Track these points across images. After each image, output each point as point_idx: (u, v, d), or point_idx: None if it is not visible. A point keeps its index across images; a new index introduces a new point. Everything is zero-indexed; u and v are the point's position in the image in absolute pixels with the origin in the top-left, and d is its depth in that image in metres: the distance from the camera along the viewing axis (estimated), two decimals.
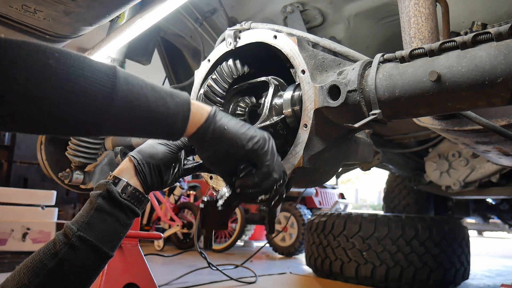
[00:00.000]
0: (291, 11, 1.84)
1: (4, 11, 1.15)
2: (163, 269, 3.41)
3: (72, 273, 0.71)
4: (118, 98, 0.65)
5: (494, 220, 7.31)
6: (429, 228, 2.84)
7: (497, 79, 0.67)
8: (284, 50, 0.95)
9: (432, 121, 1.28)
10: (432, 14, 1.06)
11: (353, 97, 0.83)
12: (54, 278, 0.70)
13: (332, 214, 3.19)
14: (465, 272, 3.03)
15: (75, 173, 2.01)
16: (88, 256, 0.73)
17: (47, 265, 0.70)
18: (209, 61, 1.10)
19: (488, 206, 4.51)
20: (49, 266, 0.70)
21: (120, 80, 0.66)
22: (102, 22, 1.25)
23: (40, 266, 0.70)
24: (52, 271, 0.70)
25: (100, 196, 0.77)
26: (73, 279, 0.71)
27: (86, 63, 0.63)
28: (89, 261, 0.73)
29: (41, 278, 0.69)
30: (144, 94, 0.68)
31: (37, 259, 0.71)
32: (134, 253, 1.47)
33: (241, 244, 6.30)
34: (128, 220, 0.80)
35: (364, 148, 1.12)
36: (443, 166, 3.17)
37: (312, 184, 1.08)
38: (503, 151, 1.42)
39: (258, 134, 0.79)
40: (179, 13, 2.16)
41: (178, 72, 2.79)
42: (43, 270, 0.69)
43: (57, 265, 0.70)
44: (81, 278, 0.73)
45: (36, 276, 0.69)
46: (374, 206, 21.87)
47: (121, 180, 0.80)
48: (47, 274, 0.69)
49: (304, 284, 3.06)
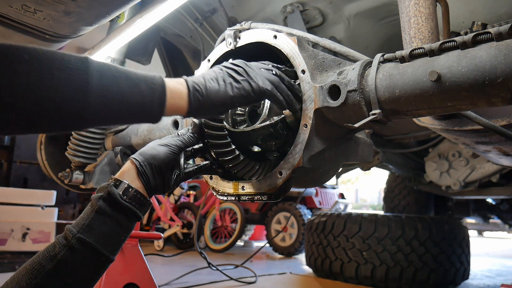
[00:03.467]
0: (291, 11, 1.84)
1: (4, 11, 1.15)
2: (163, 269, 3.41)
3: (71, 276, 0.71)
4: (92, 94, 0.65)
5: (494, 220, 7.31)
6: (429, 228, 2.84)
7: (497, 79, 0.67)
8: (284, 50, 0.95)
9: (432, 121, 1.28)
10: (432, 14, 1.06)
11: (353, 97, 0.83)
12: (52, 280, 0.69)
13: (332, 214, 3.19)
14: (465, 272, 3.03)
15: (75, 173, 2.01)
16: (87, 258, 0.72)
17: (45, 267, 0.69)
18: (209, 61, 1.10)
19: (488, 206, 4.52)
20: (47, 268, 0.69)
21: (93, 75, 0.66)
22: (102, 22, 1.25)
23: (38, 268, 0.69)
24: (50, 273, 0.69)
25: (101, 199, 0.77)
26: (72, 282, 0.71)
27: (57, 62, 0.63)
28: (88, 264, 0.73)
29: (38, 280, 0.68)
30: (118, 85, 0.69)
31: (36, 261, 0.70)
32: (134, 253, 1.47)
33: (241, 244, 6.30)
34: (129, 223, 0.79)
35: (364, 148, 1.13)
36: (443, 166, 3.17)
37: (312, 184, 1.08)
38: (503, 151, 1.42)
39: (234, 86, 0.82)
40: (179, 13, 2.16)
41: (178, 72, 2.79)
42: (41, 272, 0.69)
43: (55, 267, 0.69)
44: (80, 281, 0.72)
45: (34, 278, 0.68)
46: (374, 206, 21.86)
47: (122, 183, 0.80)
48: (45, 276, 0.69)
49: (304, 284, 3.06)
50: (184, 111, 0.79)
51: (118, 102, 0.69)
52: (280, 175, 0.91)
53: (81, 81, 0.64)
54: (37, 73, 0.61)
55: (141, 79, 0.73)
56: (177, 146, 0.89)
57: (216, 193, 1.05)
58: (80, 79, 0.64)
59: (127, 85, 0.70)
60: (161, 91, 0.75)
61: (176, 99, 0.77)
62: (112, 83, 0.68)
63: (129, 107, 0.71)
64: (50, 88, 0.61)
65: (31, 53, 0.61)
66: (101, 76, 0.67)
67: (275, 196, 0.94)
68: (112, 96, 0.68)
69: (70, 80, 0.63)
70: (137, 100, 0.71)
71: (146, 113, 0.74)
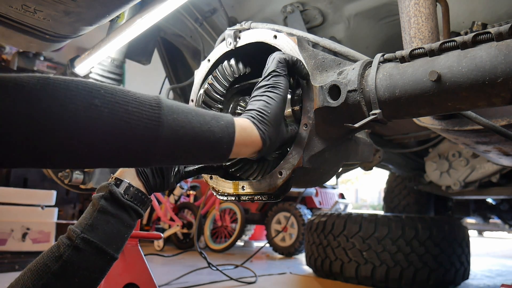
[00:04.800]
0: (291, 11, 1.84)
1: (4, 11, 1.15)
2: (163, 269, 3.41)
3: (77, 276, 0.71)
4: (164, 129, 0.64)
5: (494, 220, 7.31)
6: (429, 228, 2.84)
7: (497, 79, 0.67)
8: (284, 50, 0.95)
9: (432, 121, 1.28)
10: (432, 14, 1.06)
11: (353, 97, 0.83)
12: (58, 280, 0.70)
13: (332, 214, 3.19)
14: (465, 272, 3.03)
15: (75, 173, 2.01)
16: (92, 258, 0.73)
17: (51, 268, 0.70)
18: (209, 61, 1.10)
19: (488, 206, 4.51)
20: (53, 268, 0.70)
21: (165, 111, 0.65)
22: (102, 22, 1.24)
23: (44, 269, 0.70)
24: (56, 274, 0.69)
25: (102, 198, 0.77)
26: (78, 282, 0.71)
27: (130, 97, 0.63)
28: (94, 263, 0.73)
29: (45, 281, 0.69)
30: (189, 122, 0.68)
31: (41, 262, 0.71)
32: (134, 253, 1.47)
33: (241, 244, 6.30)
34: (131, 221, 0.80)
35: (364, 148, 1.12)
36: (443, 166, 3.17)
37: (312, 184, 1.08)
38: (503, 151, 1.42)
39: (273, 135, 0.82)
40: (179, 13, 2.16)
41: (178, 72, 2.79)
42: (47, 273, 0.69)
43: (61, 268, 0.70)
44: (85, 280, 0.72)
45: (40, 279, 0.69)
46: (374, 206, 21.86)
47: (123, 182, 0.81)
48: (51, 276, 0.69)
49: (304, 284, 3.06)
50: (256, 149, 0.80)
51: (188, 137, 0.68)
52: (280, 175, 0.91)
53: (154, 116, 0.64)
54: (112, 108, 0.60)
55: (211, 116, 0.72)
56: None
57: (216, 193, 1.05)
58: (153, 115, 0.64)
59: (198, 120, 0.69)
60: (230, 127, 0.74)
61: (245, 138, 0.77)
62: (183, 118, 0.67)
63: (199, 143, 0.70)
64: (124, 123, 0.61)
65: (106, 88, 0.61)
66: (173, 112, 0.66)
67: (275, 196, 0.94)
68: (184, 132, 0.67)
69: (143, 115, 0.63)
70: (207, 136, 0.70)
71: (215, 149, 0.72)
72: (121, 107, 0.61)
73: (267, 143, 0.79)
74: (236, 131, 0.74)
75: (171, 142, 0.66)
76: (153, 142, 0.63)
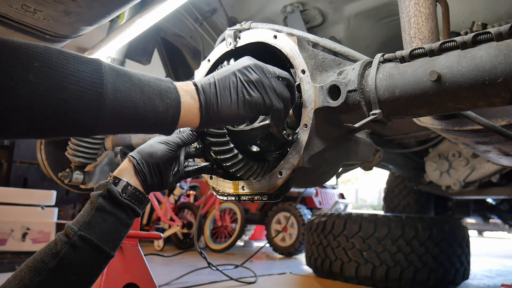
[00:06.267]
0: (291, 11, 1.84)
1: (4, 11, 1.15)
2: (163, 269, 3.41)
3: (73, 273, 0.72)
4: (106, 110, 0.64)
5: (494, 220, 7.32)
6: (429, 228, 2.84)
7: (497, 79, 0.67)
8: (284, 50, 0.95)
9: (432, 121, 1.28)
10: (432, 14, 1.06)
11: (353, 97, 0.83)
12: (55, 277, 0.70)
13: (332, 214, 3.19)
14: (465, 272, 3.03)
15: (75, 173, 2.01)
16: (89, 255, 0.73)
17: (48, 265, 0.70)
18: (209, 61, 1.10)
19: (488, 206, 4.52)
20: (50, 265, 0.70)
21: (107, 89, 0.64)
22: (102, 22, 1.25)
23: (41, 266, 0.70)
24: (53, 271, 0.70)
25: (100, 196, 0.77)
26: (74, 279, 0.72)
27: (69, 70, 0.61)
28: (90, 260, 0.74)
29: (42, 277, 0.69)
30: (132, 101, 0.68)
31: (38, 259, 0.71)
32: (134, 253, 1.47)
33: (241, 244, 6.30)
34: (129, 220, 0.80)
35: (364, 148, 1.13)
36: (443, 166, 3.17)
37: (312, 184, 1.08)
38: (503, 151, 1.42)
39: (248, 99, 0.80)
40: (179, 13, 2.16)
41: (178, 72, 2.79)
42: (44, 270, 0.70)
43: (58, 264, 0.70)
44: (82, 277, 0.73)
45: (37, 275, 0.69)
46: (374, 206, 21.86)
47: (121, 180, 0.81)
48: (48, 273, 0.70)
49: (304, 284, 3.06)
50: (195, 126, 0.79)
51: (131, 117, 0.68)
52: (280, 175, 0.91)
53: (95, 96, 0.62)
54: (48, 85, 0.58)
55: (157, 93, 0.71)
56: (176, 143, 0.89)
57: (216, 193, 1.05)
58: (94, 94, 0.62)
59: (142, 99, 0.69)
60: (175, 106, 0.73)
61: (189, 116, 0.76)
62: (126, 97, 0.67)
63: (141, 122, 0.70)
64: (62, 102, 0.59)
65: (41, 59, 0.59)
66: (116, 90, 0.65)
67: (275, 196, 0.94)
68: (126, 112, 0.67)
69: (83, 93, 0.61)
70: (150, 116, 0.70)
71: (159, 128, 0.74)
72: (58, 84, 0.59)
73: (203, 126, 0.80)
74: (182, 111, 0.74)
75: (112, 122, 0.66)
76: (93, 123, 0.64)
